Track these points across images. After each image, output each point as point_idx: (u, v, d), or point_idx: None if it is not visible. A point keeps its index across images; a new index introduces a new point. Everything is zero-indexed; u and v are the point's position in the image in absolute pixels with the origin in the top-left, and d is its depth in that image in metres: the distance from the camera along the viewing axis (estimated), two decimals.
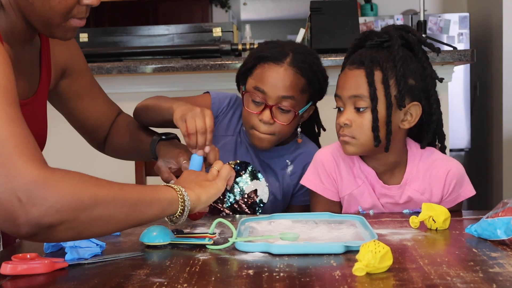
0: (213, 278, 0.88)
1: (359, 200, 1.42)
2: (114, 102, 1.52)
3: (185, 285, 0.85)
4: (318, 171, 1.44)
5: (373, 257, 0.86)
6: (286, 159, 1.59)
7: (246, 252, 1.02)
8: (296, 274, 0.89)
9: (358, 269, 0.87)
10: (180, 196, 1.05)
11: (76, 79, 1.38)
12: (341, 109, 1.37)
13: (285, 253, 1.00)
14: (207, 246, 1.07)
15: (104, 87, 1.49)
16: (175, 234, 1.12)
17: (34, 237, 0.87)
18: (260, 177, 1.57)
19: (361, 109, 1.33)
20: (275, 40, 1.57)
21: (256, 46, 1.65)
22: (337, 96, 1.37)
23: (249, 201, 1.56)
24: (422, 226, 1.21)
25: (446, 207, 1.21)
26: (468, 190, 1.41)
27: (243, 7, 8.73)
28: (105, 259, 1.00)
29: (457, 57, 2.15)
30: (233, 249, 1.05)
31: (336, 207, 1.45)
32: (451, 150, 4.13)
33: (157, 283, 0.86)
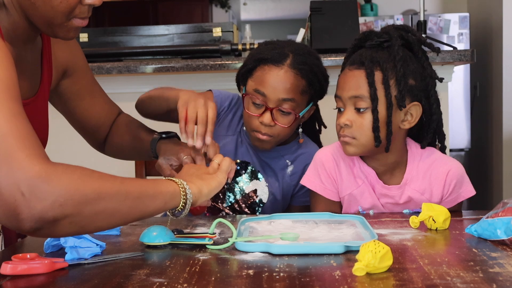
0: (213, 278, 0.88)
1: (359, 200, 1.42)
2: (114, 102, 1.52)
3: (185, 285, 0.85)
4: (318, 171, 1.44)
5: (373, 257, 0.86)
6: (287, 159, 1.59)
7: (246, 252, 1.02)
8: (296, 274, 0.89)
9: (358, 269, 0.87)
10: (182, 190, 1.05)
11: (77, 79, 1.38)
12: (341, 110, 1.37)
13: (285, 253, 1.00)
14: (207, 246, 1.07)
15: (104, 87, 1.49)
16: (175, 234, 1.12)
17: (38, 232, 0.86)
18: (260, 177, 1.57)
19: (362, 110, 1.33)
20: (275, 41, 1.56)
21: (256, 46, 1.64)
22: (337, 97, 1.37)
23: (249, 201, 1.56)
24: (422, 226, 1.21)
25: (446, 207, 1.21)
26: (468, 190, 1.41)
27: (243, 7, 8.74)
28: (105, 259, 1.00)
29: (457, 57, 2.15)
30: (233, 249, 1.05)
31: (336, 207, 1.45)
32: (451, 150, 4.13)
33: (157, 283, 0.86)
